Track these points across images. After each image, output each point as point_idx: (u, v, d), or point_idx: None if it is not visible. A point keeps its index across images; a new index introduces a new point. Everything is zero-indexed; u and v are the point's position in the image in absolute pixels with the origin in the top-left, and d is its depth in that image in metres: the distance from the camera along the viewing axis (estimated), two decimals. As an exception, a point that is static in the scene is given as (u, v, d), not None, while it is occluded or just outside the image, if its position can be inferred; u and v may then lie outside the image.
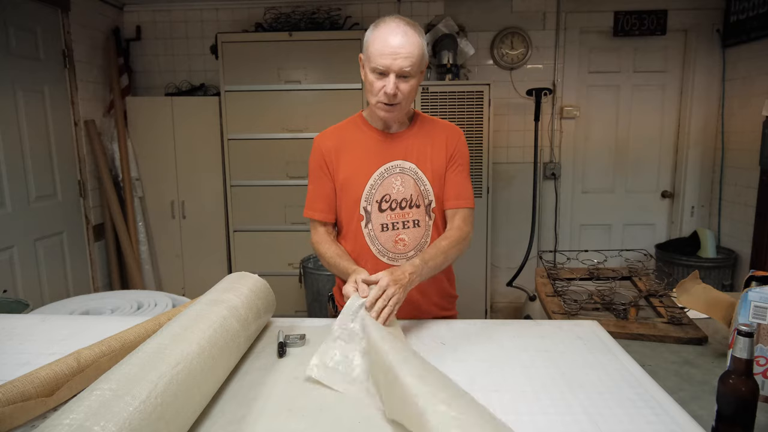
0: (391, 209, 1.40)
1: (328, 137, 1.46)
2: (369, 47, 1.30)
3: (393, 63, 1.26)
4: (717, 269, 3.26)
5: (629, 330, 1.37)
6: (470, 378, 1.02)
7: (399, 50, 1.26)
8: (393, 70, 1.27)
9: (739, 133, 3.38)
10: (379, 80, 1.30)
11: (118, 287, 3.49)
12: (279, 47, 3.29)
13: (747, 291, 1.06)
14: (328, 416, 0.89)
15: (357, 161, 1.41)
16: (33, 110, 2.84)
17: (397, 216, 1.40)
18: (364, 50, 1.34)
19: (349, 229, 1.43)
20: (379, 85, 1.30)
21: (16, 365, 1.07)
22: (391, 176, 1.40)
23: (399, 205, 1.40)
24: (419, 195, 1.41)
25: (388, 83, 1.28)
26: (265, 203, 3.45)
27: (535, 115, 3.54)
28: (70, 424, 0.66)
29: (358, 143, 1.42)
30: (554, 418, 0.88)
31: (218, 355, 0.94)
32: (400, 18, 1.31)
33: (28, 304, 2.10)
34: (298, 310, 3.49)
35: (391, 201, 1.39)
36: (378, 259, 1.41)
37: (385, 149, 1.41)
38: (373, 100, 1.35)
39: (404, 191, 1.40)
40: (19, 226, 2.74)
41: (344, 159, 1.42)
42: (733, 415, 0.82)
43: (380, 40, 1.28)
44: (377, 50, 1.27)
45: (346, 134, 1.45)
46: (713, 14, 3.48)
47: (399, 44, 1.26)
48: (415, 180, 1.41)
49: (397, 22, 1.29)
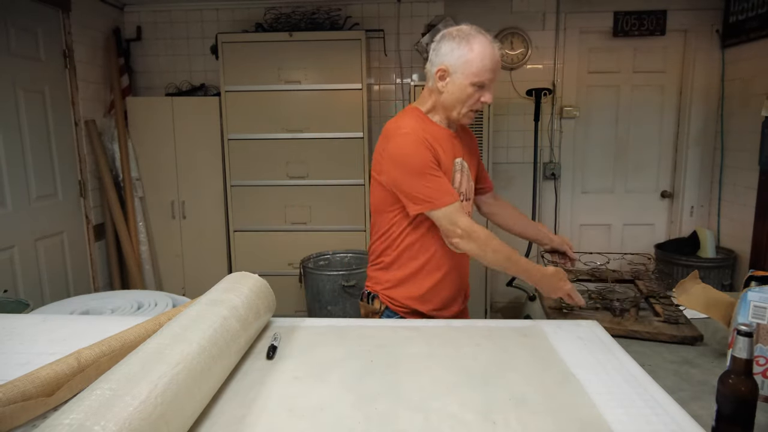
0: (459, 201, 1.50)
1: (421, 130, 1.43)
2: (473, 62, 1.37)
3: (494, 76, 1.41)
4: (716, 269, 3.26)
5: (624, 327, 1.38)
6: (470, 378, 1.02)
7: (499, 63, 1.41)
8: (493, 82, 1.41)
9: (738, 133, 3.38)
10: (477, 92, 1.41)
11: (118, 287, 3.49)
12: (279, 47, 3.29)
13: (746, 291, 1.06)
14: (328, 416, 0.89)
15: (444, 155, 1.46)
16: (33, 110, 2.84)
17: (464, 207, 1.50)
18: (457, 63, 1.39)
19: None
20: (476, 96, 1.41)
21: (17, 365, 1.07)
22: (456, 172, 1.51)
23: (464, 197, 1.53)
24: (471, 189, 1.57)
25: (486, 94, 1.41)
26: (265, 203, 3.45)
27: (535, 115, 3.54)
28: (70, 424, 0.66)
29: (440, 139, 1.47)
30: (554, 418, 0.88)
31: (218, 355, 0.94)
32: (480, 30, 1.41)
33: (28, 304, 2.11)
34: (298, 310, 3.49)
35: (461, 193, 1.52)
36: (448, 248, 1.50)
37: (454, 146, 1.51)
38: (464, 110, 1.44)
39: (466, 185, 1.54)
40: (19, 225, 2.74)
41: (439, 153, 1.44)
42: (732, 414, 0.82)
43: (485, 55, 1.37)
44: (484, 65, 1.37)
45: (429, 129, 1.46)
46: (713, 14, 3.48)
47: (498, 57, 1.41)
48: (467, 176, 1.55)
49: (487, 36, 1.40)
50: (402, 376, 1.03)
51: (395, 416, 0.88)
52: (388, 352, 1.15)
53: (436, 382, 1.01)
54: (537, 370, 1.06)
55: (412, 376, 1.03)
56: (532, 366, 1.08)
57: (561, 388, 0.98)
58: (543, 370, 1.06)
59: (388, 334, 1.26)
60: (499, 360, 1.11)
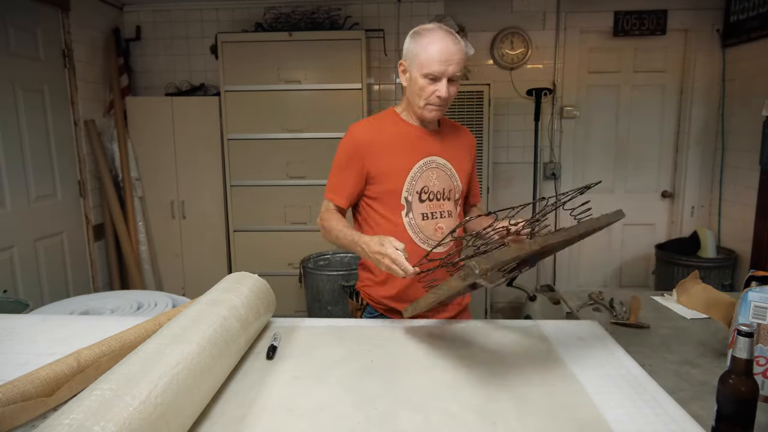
0: (429, 200, 1.50)
1: (365, 129, 1.52)
2: (420, 54, 1.39)
3: (447, 69, 1.38)
4: (717, 269, 3.26)
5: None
6: (470, 378, 1.02)
7: (452, 57, 1.38)
8: (446, 75, 1.39)
9: (739, 133, 3.37)
10: (431, 85, 1.41)
11: (118, 287, 3.49)
12: (279, 47, 3.29)
13: (747, 291, 1.06)
14: (328, 416, 0.89)
15: (397, 154, 1.48)
16: (33, 110, 2.84)
17: (435, 206, 1.51)
18: (410, 57, 1.43)
19: (388, 218, 1.49)
20: (431, 89, 1.41)
21: (16, 365, 1.07)
22: (429, 170, 1.50)
23: (436, 196, 1.51)
24: (452, 189, 1.54)
25: (441, 88, 1.40)
26: (265, 203, 3.45)
27: (535, 115, 3.54)
28: (70, 424, 0.66)
29: (397, 138, 1.50)
30: (554, 418, 0.87)
31: (218, 355, 0.94)
32: (440, 26, 1.42)
33: (28, 304, 2.10)
34: (298, 310, 3.49)
35: (429, 192, 1.50)
36: (418, 245, 1.48)
37: (423, 145, 1.50)
38: (421, 103, 1.44)
39: (439, 184, 1.51)
40: (19, 226, 2.73)
41: (382, 152, 1.47)
42: (733, 415, 0.82)
43: (434, 47, 1.38)
44: (432, 57, 1.37)
45: (384, 129, 1.51)
46: (713, 14, 3.48)
47: (452, 51, 1.38)
48: (448, 175, 1.53)
49: (442, 30, 1.40)
50: (402, 376, 1.03)
51: (395, 416, 0.88)
52: (388, 352, 1.15)
53: (435, 382, 1.01)
54: (537, 370, 1.06)
55: (412, 376, 1.03)
56: (532, 366, 1.08)
57: (561, 388, 0.98)
58: (543, 370, 1.06)
59: (387, 335, 1.26)
60: (499, 360, 1.11)
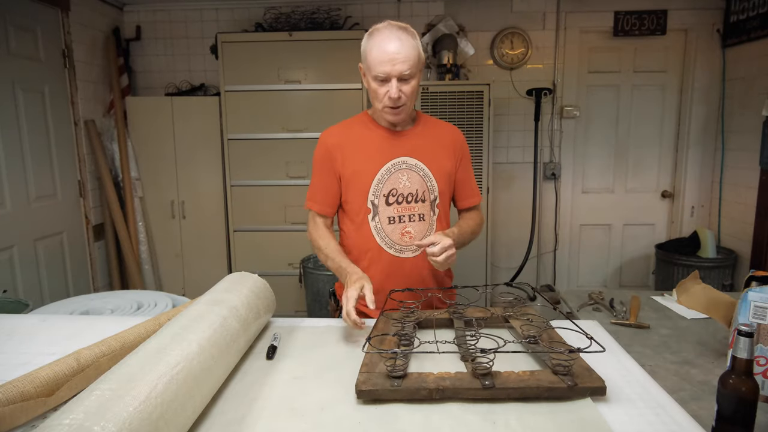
0: (398, 203, 1.45)
1: (335, 133, 1.50)
2: (367, 56, 1.36)
3: (393, 69, 1.32)
4: (717, 269, 3.26)
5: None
6: (470, 378, 1.01)
7: (396, 56, 1.31)
8: (393, 76, 1.32)
9: (739, 133, 3.37)
10: (381, 87, 1.35)
11: (118, 287, 3.48)
12: (279, 47, 3.29)
13: (747, 291, 1.06)
14: (328, 416, 0.89)
15: (365, 157, 1.46)
16: (33, 110, 2.84)
17: (404, 209, 1.45)
18: (363, 60, 1.39)
19: (356, 221, 1.48)
20: (382, 91, 1.36)
21: (16, 365, 1.07)
22: (398, 172, 1.45)
23: (405, 199, 1.46)
24: (425, 190, 1.47)
25: (391, 88, 1.33)
26: (265, 203, 3.45)
27: (535, 115, 3.54)
28: (70, 424, 0.66)
29: (365, 140, 1.47)
30: (554, 418, 0.87)
31: (218, 355, 0.94)
32: (391, 23, 1.36)
33: (28, 304, 2.10)
34: (298, 310, 3.49)
35: (398, 195, 1.45)
36: (384, 250, 1.46)
37: (392, 146, 1.46)
38: (379, 106, 1.40)
39: (410, 186, 1.45)
40: (19, 226, 2.73)
41: (351, 155, 1.46)
42: (733, 415, 0.82)
43: (377, 48, 1.33)
44: (376, 59, 1.32)
45: (353, 131, 1.50)
46: (713, 14, 3.48)
47: (395, 50, 1.31)
48: (421, 176, 1.46)
49: (389, 29, 1.34)
50: (402, 376, 1.03)
51: (395, 416, 0.88)
52: (388, 352, 1.15)
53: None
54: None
55: (412, 376, 1.03)
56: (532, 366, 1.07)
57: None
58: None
59: (388, 334, 1.25)
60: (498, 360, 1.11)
